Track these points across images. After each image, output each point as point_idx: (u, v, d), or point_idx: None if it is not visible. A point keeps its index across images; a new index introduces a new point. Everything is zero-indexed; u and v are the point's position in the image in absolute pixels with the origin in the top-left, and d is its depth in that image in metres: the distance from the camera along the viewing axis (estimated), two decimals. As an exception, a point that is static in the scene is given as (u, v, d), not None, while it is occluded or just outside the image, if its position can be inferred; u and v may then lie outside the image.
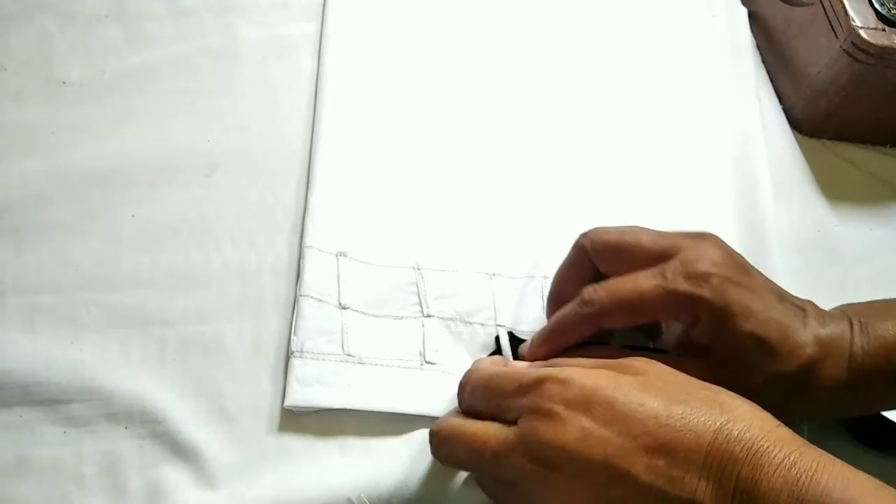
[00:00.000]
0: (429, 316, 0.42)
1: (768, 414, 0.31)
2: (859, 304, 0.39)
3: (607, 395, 0.31)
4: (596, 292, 0.37)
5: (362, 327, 0.41)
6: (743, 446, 0.29)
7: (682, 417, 0.30)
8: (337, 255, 0.43)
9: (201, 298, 0.41)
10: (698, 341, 0.37)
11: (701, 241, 0.38)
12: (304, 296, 0.41)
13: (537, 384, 0.32)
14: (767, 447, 0.29)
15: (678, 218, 0.50)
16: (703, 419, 0.30)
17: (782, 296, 0.38)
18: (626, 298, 0.36)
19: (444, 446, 0.35)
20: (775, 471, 0.28)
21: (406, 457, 0.38)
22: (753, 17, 0.62)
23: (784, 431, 0.30)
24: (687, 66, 0.59)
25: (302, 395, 0.38)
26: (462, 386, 0.36)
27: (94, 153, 0.46)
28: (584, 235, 0.40)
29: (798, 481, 0.28)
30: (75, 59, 0.50)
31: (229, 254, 0.43)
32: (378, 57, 0.53)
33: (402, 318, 0.42)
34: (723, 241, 0.38)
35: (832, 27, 0.52)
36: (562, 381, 0.32)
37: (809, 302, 0.38)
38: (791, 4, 0.57)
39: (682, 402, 0.31)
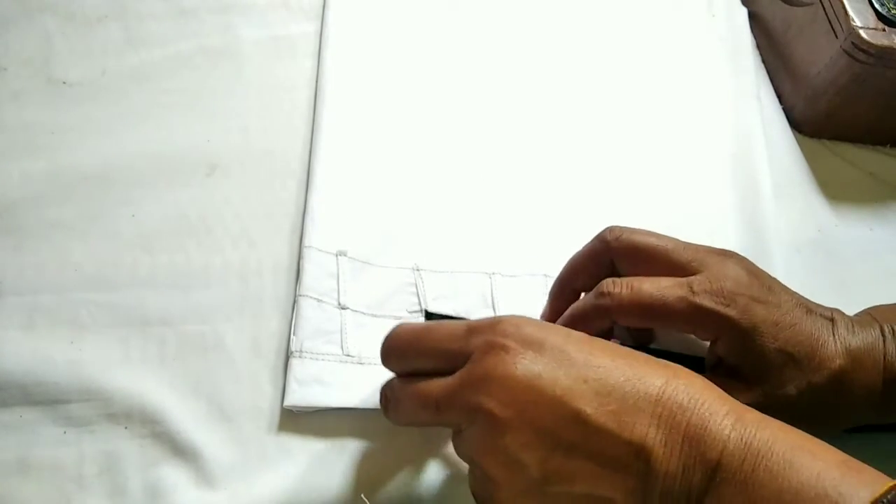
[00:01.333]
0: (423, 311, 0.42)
1: (705, 378, 0.32)
2: (890, 305, 0.39)
3: (559, 341, 0.31)
4: (616, 286, 0.37)
5: (362, 328, 0.41)
6: (690, 397, 0.30)
7: (630, 367, 0.31)
8: (336, 255, 0.43)
9: (201, 298, 0.41)
10: (726, 360, 0.37)
11: (727, 260, 0.38)
12: (304, 296, 0.41)
13: (491, 323, 0.32)
14: (713, 399, 0.30)
15: (678, 217, 0.50)
16: (649, 373, 0.31)
17: (809, 309, 0.37)
18: (649, 301, 0.36)
19: (391, 405, 0.35)
20: (722, 419, 0.29)
21: (406, 457, 0.38)
22: (753, 17, 0.62)
23: (723, 392, 0.31)
24: (687, 65, 0.59)
25: (301, 395, 0.38)
26: (388, 351, 0.35)
27: (94, 153, 0.46)
28: (609, 230, 0.39)
29: (745, 428, 0.29)
30: (75, 59, 0.50)
31: (229, 254, 0.43)
32: (378, 57, 0.53)
33: (401, 318, 0.42)
34: (747, 261, 0.38)
35: (832, 27, 0.52)
36: (515, 323, 0.32)
37: (837, 310, 0.38)
38: (791, 4, 0.57)
39: (628, 357, 0.31)
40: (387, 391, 0.35)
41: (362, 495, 0.36)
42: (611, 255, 0.39)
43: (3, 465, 0.36)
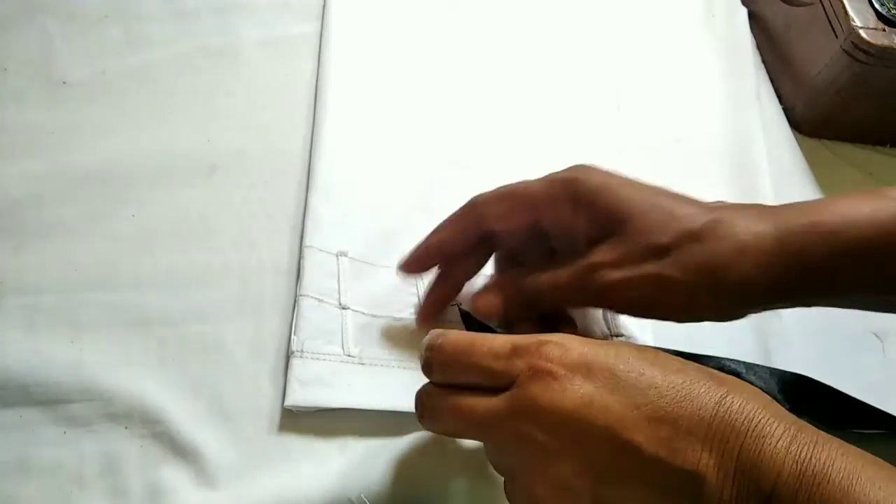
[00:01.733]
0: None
1: (758, 389, 0.31)
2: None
3: (608, 361, 0.30)
4: (479, 196, 0.38)
5: (362, 328, 0.41)
6: (745, 418, 0.29)
7: (682, 387, 0.30)
8: (337, 256, 0.43)
9: (201, 298, 0.41)
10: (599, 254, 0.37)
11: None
12: (304, 296, 0.41)
13: (537, 346, 0.31)
14: (768, 419, 0.29)
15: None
16: (702, 390, 0.29)
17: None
18: (512, 189, 0.38)
19: (428, 412, 0.34)
20: (777, 442, 0.28)
21: (406, 457, 0.38)
22: (753, 17, 0.62)
23: (778, 406, 0.30)
24: (687, 65, 0.59)
25: (302, 394, 0.38)
26: (432, 362, 0.33)
27: (95, 153, 0.46)
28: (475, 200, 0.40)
29: (800, 453, 0.28)
30: (75, 59, 0.50)
31: (229, 254, 0.43)
32: (378, 57, 0.53)
33: (402, 318, 0.42)
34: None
35: (832, 27, 0.52)
36: (561, 345, 0.31)
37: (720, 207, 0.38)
38: (791, 4, 0.57)
39: (679, 372, 0.30)
40: (424, 398, 0.34)
41: (362, 495, 0.36)
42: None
43: (3, 465, 0.36)
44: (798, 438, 0.28)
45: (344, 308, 0.41)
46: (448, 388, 0.33)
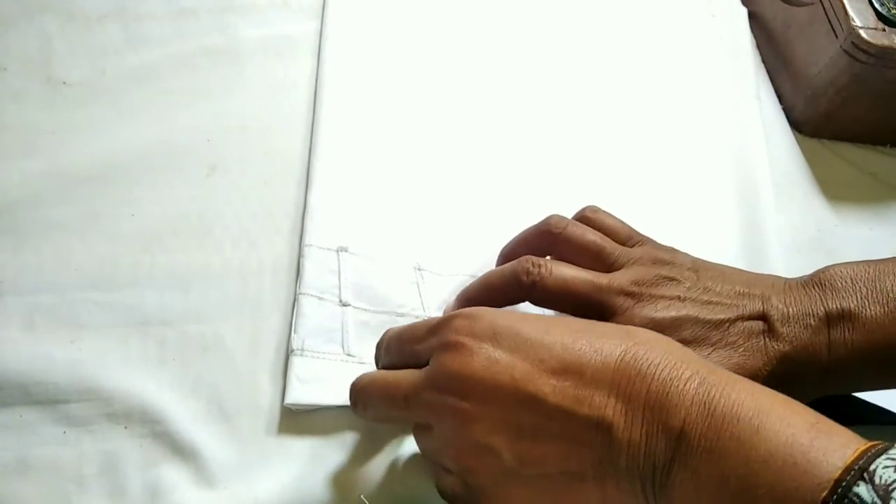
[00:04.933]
0: (430, 316, 0.42)
1: (673, 340, 0.32)
2: (849, 266, 0.38)
3: (514, 326, 0.31)
4: (537, 266, 0.37)
5: (363, 325, 0.41)
6: (650, 363, 0.29)
7: (588, 342, 0.30)
8: (338, 251, 0.43)
9: (201, 298, 0.41)
10: None
11: (655, 265, 0.38)
12: (304, 294, 0.41)
13: (446, 321, 0.33)
14: (675, 363, 0.29)
15: (679, 218, 0.50)
16: (608, 343, 0.30)
17: (741, 315, 0.37)
18: (563, 286, 0.37)
19: (361, 397, 0.35)
20: (685, 384, 0.28)
21: (406, 456, 0.38)
22: (753, 17, 0.62)
23: (690, 352, 0.31)
24: (687, 66, 0.59)
25: (302, 393, 0.38)
26: (378, 346, 0.37)
27: (94, 153, 0.46)
28: (556, 220, 0.40)
29: (708, 393, 0.28)
30: (75, 59, 0.50)
31: (229, 254, 0.43)
32: (378, 56, 0.53)
33: (403, 315, 0.42)
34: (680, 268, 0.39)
35: (832, 27, 0.52)
36: (469, 316, 0.32)
37: (771, 296, 0.37)
38: (791, 4, 0.57)
39: (587, 331, 0.31)
40: (355, 387, 0.36)
41: (362, 496, 0.36)
42: (553, 244, 0.40)
43: (3, 465, 0.36)
44: (707, 380, 0.28)
45: (345, 305, 0.41)
46: (385, 369, 0.36)
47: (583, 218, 0.41)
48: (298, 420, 0.38)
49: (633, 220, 0.41)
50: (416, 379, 0.33)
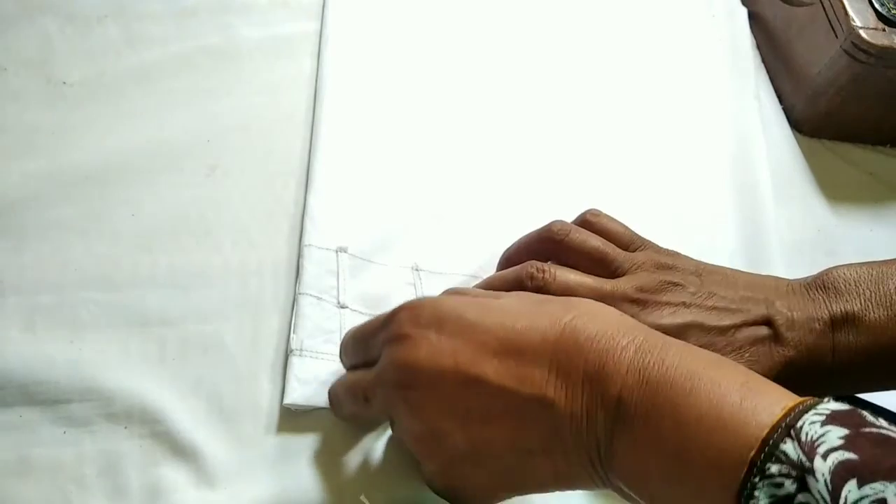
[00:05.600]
0: None
1: (614, 308, 0.32)
2: (851, 268, 0.38)
3: (456, 310, 0.32)
4: (541, 271, 0.37)
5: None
6: (587, 336, 0.30)
7: (529, 321, 0.31)
8: (337, 252, 0.43)
9: (201, 298, 0.41)
10: None
11: (658, 272, 0.39)
12: (304, 294, 0.41)
13: (393, 315, 0.33)
14: (611, 333, 0.29)
15: (679, 218, 0.50)
16: (549, 319, 0.31)
17: (745, 321, 0.37)
18: (566, 291, 0.37)
19: (332, 399, 0.37)
20: (621, 353, 0.29)
21: (406, 456, 0.38)
22: (753, 17, 0.62)
23: (629, 319, 0.31)
24: (687, 65, 0.59)
25: (301, 393, 0.38)
26: (340, 348, 0.38)
27: (94, 153, 0.46)
28: (560, 226, 0.40)
29: (643, 361, 0.28)
30: (75, 59, 0.50)
31: (229, 253, 0.43)
32: (377, 56, 0.53)
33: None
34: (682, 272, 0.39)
35: (832, 27, 0.52)
36: (413, 307, 0.33)
37: (776, 302, 0.37)
38: (791, 4, 0.57)
39: (527, 306, 0.32)
40: (330, 390, 0.37)
41: (362, 496, 0.36)
42: (555, 250, 0.40)
43: (3, 465, 0.36)
44: (642, 347, 0.29)
45: (342, 307, 0.41)
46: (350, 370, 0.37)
47: (584, 222, 0.41)
48: (298, 420, 0.38)
49: (633, 220, 0.41)
50: (371, 375, 0.34)
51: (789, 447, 0.24)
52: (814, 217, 0.53)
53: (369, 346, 0.35)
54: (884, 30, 0.50)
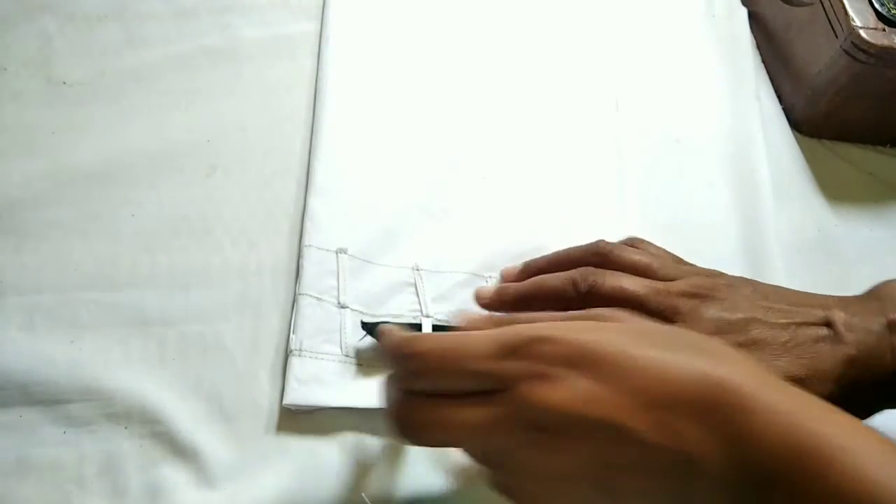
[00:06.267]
0: (427, 316, 0.42)
1: (753, 359, 0.32)
2: None
3: (597, 349, 0.29)
4: (599, 276, 0.37)
5: (360, 327, 0.41)
6: (735, 393, 0.28)
7: (673, 364, 0.29)
8: (337, 253, 0.43)
9: (201, 298, 0.41)
10: None
11: (714, 277, 0.39)
12: (303, 294, 0.41)
13: (523, 345, 0.30)
14: (758, 392, 0.28)
15: (679, 218, 0.50)
16: (690, 366, 0.29)
17: (805, 321, 0.37)
18: (624, 294, 0.37)
19: (416, 429, 0.31)
20: (769, 415, 0.27)
21: (406, 456, 0.38)
22: (753, 17, 0.62)
23: (768, 377, 0.29)
24: (687, 66, 0.59)
25: (301, 393, 0.38)
26: (412, 364, 0.31)
27: (94, 153, 0.46)
28: (605, 247, 0.40)
29: (791, 423, 0.27)
30: (75, 59, 0.50)
31: (229, 254, 0.43)
32: (378, 56, 0.53)
33: (400, 317, 0.42)
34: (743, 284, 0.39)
35: (832, 27, 0.52)
36: (547, 340, 0.30)
37: (833, 309, 0.38)
38: (791, 4, 0.57)
39: (672, 347, 0.30)
40: (405, 413, 0.32)
41: (363, 494, 0.36)
42: (601, 263, 0.39)
43: (3, 465, 0.36)
44: (790, 408, 0.27)
45: (343, 307, 0.41)
46: (429, 397, 0.31)
47: (627, 242, 0.42)
48: (298, 420, 0.38)
49: (633, 220, 0.42)
50: (496, 412, 0.30)
51: None
52: (814, 217, 0.53)
53: (479, 373, 0.30)
54: (884, 30, 0.50)
